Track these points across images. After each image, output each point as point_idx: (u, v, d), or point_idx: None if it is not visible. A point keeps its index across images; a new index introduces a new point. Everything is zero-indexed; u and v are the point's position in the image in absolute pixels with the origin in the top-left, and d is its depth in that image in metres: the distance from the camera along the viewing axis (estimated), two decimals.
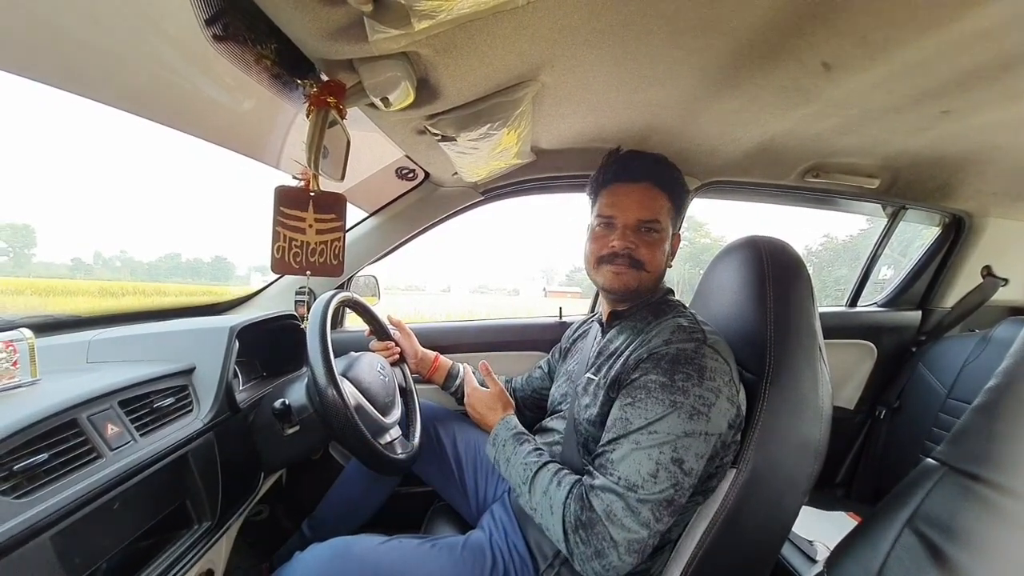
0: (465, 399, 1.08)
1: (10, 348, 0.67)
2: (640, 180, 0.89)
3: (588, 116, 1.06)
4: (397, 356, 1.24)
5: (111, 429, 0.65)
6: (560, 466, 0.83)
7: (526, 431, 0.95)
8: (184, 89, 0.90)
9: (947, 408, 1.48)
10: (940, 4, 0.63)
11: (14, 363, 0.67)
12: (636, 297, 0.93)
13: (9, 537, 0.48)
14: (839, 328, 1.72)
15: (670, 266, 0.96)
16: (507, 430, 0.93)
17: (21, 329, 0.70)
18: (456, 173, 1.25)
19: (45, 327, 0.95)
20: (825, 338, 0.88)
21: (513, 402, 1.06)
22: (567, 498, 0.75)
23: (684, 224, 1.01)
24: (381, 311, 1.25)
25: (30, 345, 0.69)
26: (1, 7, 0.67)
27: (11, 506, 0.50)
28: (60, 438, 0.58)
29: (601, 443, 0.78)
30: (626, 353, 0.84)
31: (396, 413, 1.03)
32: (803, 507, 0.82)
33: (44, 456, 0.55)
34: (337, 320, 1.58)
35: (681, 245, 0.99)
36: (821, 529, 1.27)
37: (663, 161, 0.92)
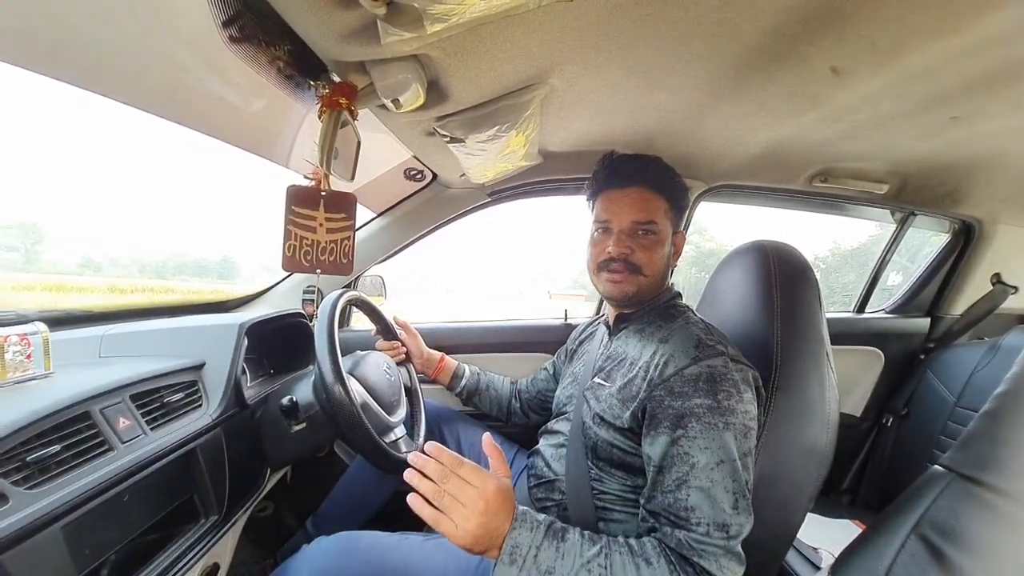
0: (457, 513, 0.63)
1: (24, 341, 0.68)
2: (631, 184, 0.90)
3: (595, 119, 1.07)
4: (403, 356, 1.25)
5: (122, 422, 0.66)
6: (621, 541, 0.69)
7: (548, 517, 0.69)
8: (197, 89, 0.91)
9: (956, 416, 1.46)
10: (950, 10, 0.63)
11: (28, 356, 0.69)
12: (638, 302, 0.93)
13: (21, 527, 0.49)
14: (846, 334, 1.71)
15: (675, 266, 0.96)
16: (531, 530, 0.65)
17: (36, 323, 0.71)
18: (464, 174, 1.25)
19: (59, 322, 0.97)
20: (832, 344, 0.87)
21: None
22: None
23: (690, 227, 1.00)
24: (387, 311, 1.26)
25: (44, 339, 0.71)
26: (17, 5, 0.68)
27: (23, 497, 0.51)
28: (73, 430, 0.59)
29: (659, 482, 0.73)
30: (640, 364, 0.83)
31: (401, 412, 1.04)
32: (808, 514, 0.82)
33: (56, 448, 0.56)
34: (344, 319, 1.59)
35: (686, 249, 0.99)
36: (826, 536, 1.26)
37: (654, 162, 0.92)
